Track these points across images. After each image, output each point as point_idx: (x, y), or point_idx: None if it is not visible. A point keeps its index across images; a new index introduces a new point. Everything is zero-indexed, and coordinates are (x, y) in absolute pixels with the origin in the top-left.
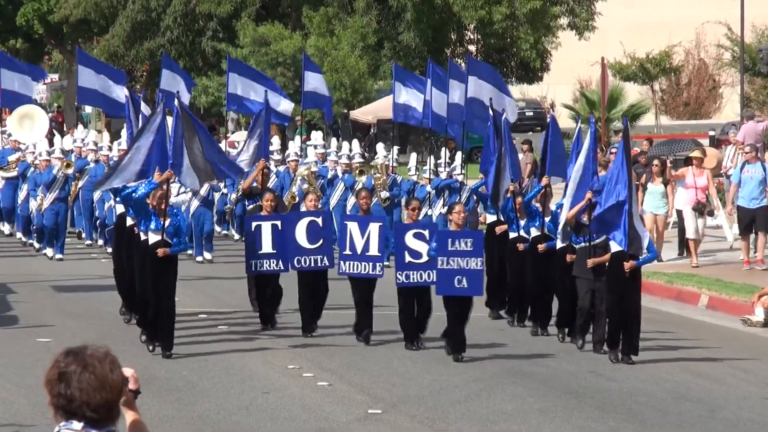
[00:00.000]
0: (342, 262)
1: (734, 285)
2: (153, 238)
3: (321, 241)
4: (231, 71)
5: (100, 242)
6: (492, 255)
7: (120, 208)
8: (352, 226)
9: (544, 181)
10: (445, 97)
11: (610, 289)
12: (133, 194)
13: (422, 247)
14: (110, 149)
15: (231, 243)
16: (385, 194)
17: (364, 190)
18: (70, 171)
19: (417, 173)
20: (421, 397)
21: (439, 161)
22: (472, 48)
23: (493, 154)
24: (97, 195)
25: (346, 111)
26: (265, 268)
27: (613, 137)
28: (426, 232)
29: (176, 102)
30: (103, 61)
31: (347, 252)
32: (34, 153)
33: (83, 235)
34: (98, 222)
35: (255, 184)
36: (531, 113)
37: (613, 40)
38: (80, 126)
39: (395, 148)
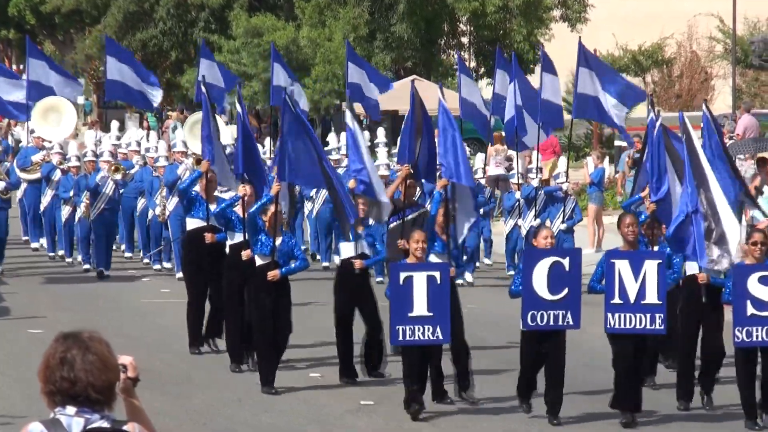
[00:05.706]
0: (609, 315)
1: None
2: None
3: (565, 291)
4: (276, 62)
5: (146, 261)
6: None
7: (191, 224)
8: (621, 266)
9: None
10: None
11: None
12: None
13: None
14: (156, 150)
15: None
16: None
17: (629, 215)
18: (119, 176)
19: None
20: None
21: (530, 166)
22: (464, 40)
23: (658, 179)
24: (140, 205)
25: (338, 103)
26: (417, 338)
27: (606, 129)
28: None
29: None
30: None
31: (616, 301)
32: (61, 153)
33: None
34: (139, 235)
35: (398, 196)
36: None
37: (606, 32)
38: (114, 123)
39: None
